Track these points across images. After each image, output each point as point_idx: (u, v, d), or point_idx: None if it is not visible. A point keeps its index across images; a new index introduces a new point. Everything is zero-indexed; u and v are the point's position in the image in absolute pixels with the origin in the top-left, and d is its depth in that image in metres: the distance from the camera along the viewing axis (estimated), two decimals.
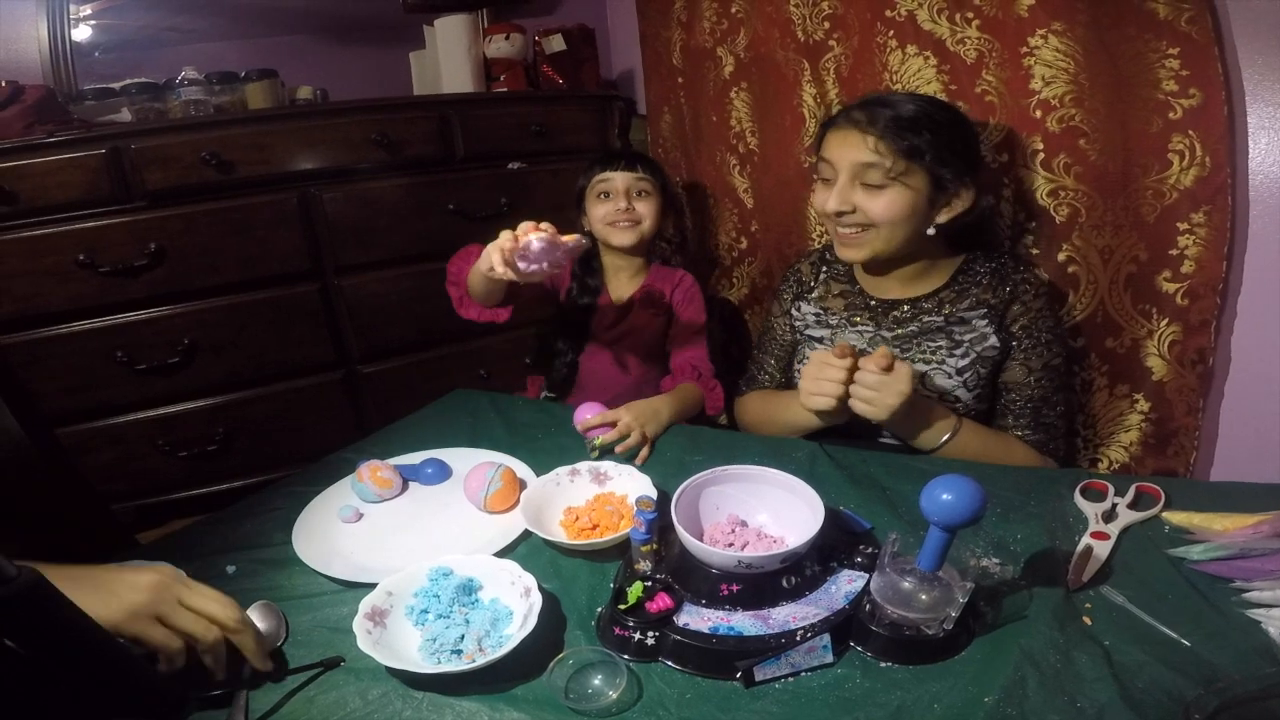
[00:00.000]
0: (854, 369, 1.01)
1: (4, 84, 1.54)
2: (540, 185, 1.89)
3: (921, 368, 1.12)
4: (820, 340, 1.22)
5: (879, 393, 0.98)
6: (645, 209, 1.43)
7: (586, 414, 1.12)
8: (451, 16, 1.93)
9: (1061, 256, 1.19)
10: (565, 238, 1.06)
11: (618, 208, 1.41)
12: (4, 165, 1.43)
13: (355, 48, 2.10)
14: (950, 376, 1.11)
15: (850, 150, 1.06)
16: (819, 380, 1.02)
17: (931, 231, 1.09)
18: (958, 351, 1.11)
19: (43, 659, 0.47)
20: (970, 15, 1.20)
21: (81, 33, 1.79)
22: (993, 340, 1.10)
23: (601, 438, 1.09)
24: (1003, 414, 1.13)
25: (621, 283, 1.50)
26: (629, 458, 1.08)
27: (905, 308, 1.16)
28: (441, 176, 1.80)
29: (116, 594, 0.63)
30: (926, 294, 1.15)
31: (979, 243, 1.18)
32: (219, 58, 1.85)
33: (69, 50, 1.78)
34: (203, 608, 0.66)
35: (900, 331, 1.15)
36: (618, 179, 1.42)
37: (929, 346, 1.13)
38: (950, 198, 1.07)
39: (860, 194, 1.07)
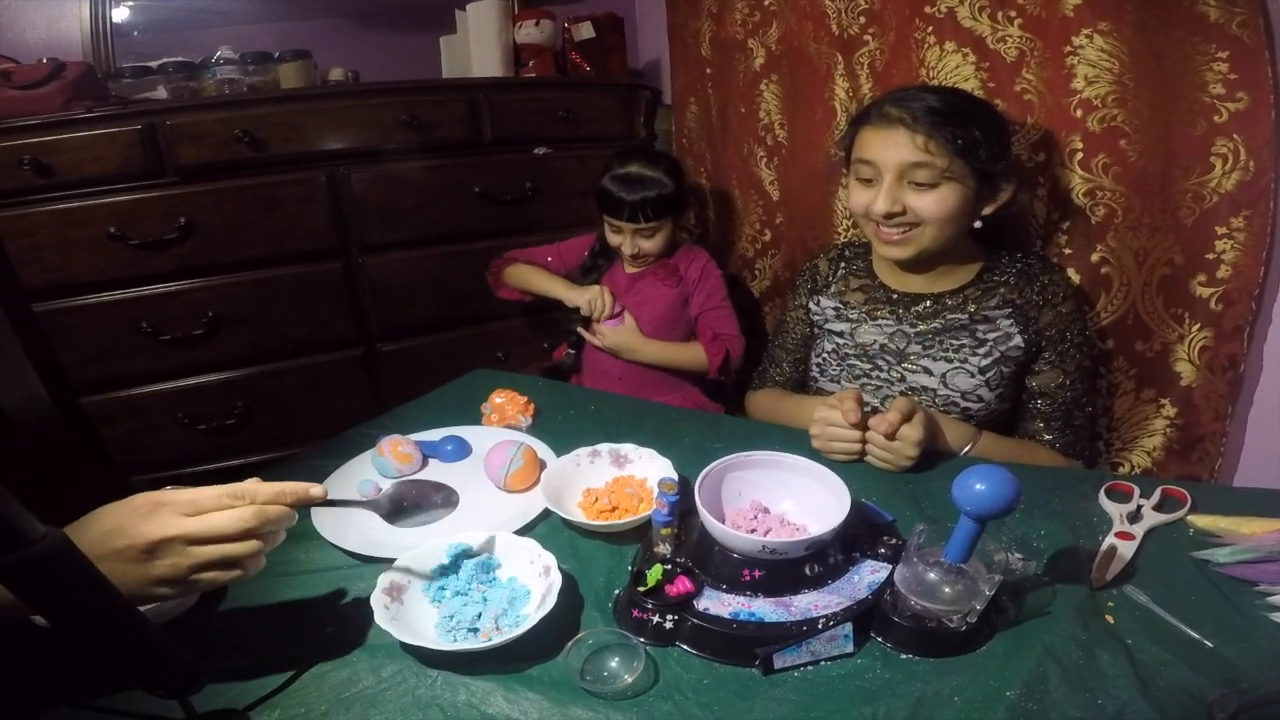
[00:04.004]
0: (865, 426, 0.98)
1: (45, 61, 1.57)
2: (565, 171, 1.89)
3: (944, 366, 1.11)
4: (840, 334, 1.21)
5: (892, 454, 0.96)
6: (651, 245, 1.52)
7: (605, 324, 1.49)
8: (483, 1, 1.93)
9: (1095, 257, 1.18)
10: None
11: (625, 251, 1.52)
12: (42, 139, 1.45)
13: (387, 31, 2.11)
14: (973, 375, 1.10)
15: (896, 149, 1.02)
16: (832, 443, 1.00)
17: (978, 225, 1.07)
18: (981, 350, 1.10)
19: (62, 625, 0.47)
20: (1013, 14, 1.18)
21: (121, 13, 1.83)
22: (1017, 340, 1.09)
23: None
24: (1031, 418, 1.13)
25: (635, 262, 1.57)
26: (643, 434, 1.09)
27: (928, 303, 1.14)
28: (468, 159, 1.80)
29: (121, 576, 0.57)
30: (951, 290, 1.14)
31: (1007, 240, 1.16)
32: (253, 39, 1.86)
33: (109, 29, 1.81)
34: (212, 533, 0.60)
35: (923, 328, 1.14)
36: (624, 225, 1.48)
37: (952, 344, 1.11)
38: (997, 191, 1.06)
39: (908, 193, 1.04)
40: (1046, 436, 1.12)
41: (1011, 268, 1.12)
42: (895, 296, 1.17)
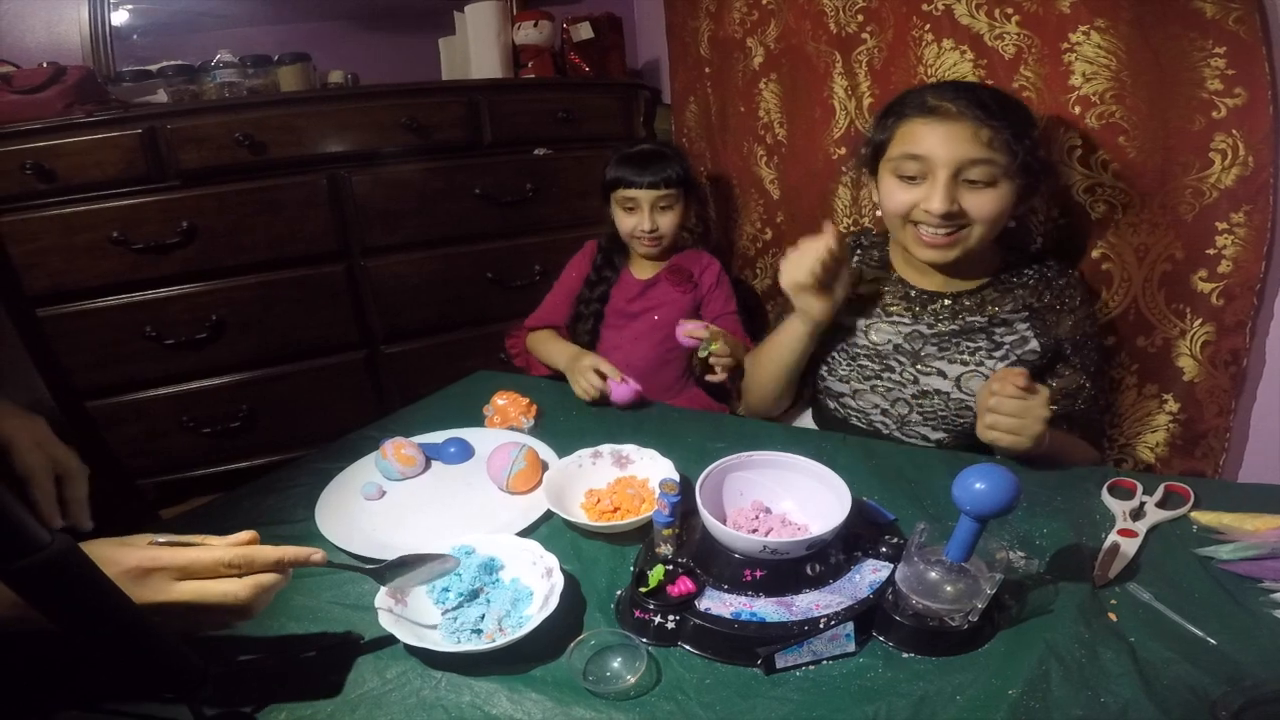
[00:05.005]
0: (841, 255, 1.00)
1: (46, 65, 1.57)
2: (565, 172, 1.90)
3: (959, 369, 1.09)
4: (849, 329, 1.19)
5: (1024, 420, 0.88)
6: (667, 223, 1.48)
7: (689, 325, 1.21)
8: (482, 3, 1.93)
9: (1096, 253, 1.18)
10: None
11: (642, 228, 1.46)
12: (43, 144, 1.46)
13: (386, 33, 2.12)
14: (988, 379, 1.08)
15: (958, 144, 0.97)
16: (801, 256, 1.02)
17: (1012, 224, 1.05)
18: (997, 354, 1.08)
19: (70, 630, 0.47)
20: (1010, 11, 1.18)
21: (120, 16, 1.84)
22: (1033, 345, 1.07)
23: (715, 345, 1.18)
24: (1056, 421, 1.11)
25: (645, 265, 1.55)
26: (646, 434, 1.07)
27: (946, 301, 1.12)
28: (468, 161, 1.81)
29: None
30: (969, 290, 1.11)
31: (1013, 238, 1.16)
32: (253, 42, 1.87)
33: (108, 33, 1.82)
34: (205, 603, 0.60)
35: (941, 329, 1.11)
36: (642, 196, 1.45)
37: (968, 347, 1.09)
38: (1034, 190, 1.04)
39: (963, 191, 0.99)
40: (1076, 434, 1.10)
41: (1028, 270, 1.10)
42: (914, 294, 1.14)
